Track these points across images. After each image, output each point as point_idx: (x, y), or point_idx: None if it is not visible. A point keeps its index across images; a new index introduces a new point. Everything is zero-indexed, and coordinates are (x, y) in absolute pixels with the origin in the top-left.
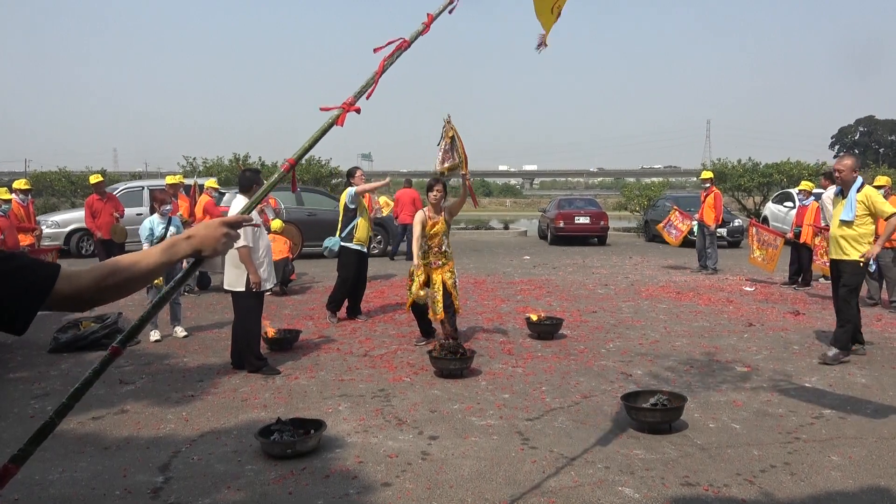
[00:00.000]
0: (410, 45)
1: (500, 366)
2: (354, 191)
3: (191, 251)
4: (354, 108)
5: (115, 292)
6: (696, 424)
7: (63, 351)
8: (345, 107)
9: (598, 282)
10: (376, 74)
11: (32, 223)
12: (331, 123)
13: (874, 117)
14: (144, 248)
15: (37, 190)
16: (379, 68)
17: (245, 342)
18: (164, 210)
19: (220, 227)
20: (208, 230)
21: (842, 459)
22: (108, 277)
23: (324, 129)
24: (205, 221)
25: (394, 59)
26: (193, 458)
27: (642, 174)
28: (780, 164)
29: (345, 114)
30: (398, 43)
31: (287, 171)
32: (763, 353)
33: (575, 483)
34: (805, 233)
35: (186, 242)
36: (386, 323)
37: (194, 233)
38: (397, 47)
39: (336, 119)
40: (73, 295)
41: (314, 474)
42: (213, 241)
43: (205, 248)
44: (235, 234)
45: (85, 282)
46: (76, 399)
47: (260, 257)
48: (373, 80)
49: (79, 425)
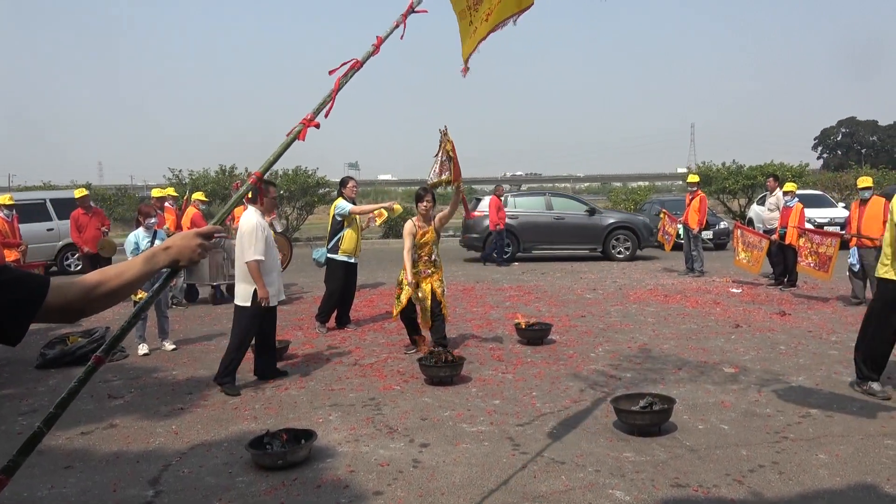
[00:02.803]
0: (363, 65)
1: (490, 372)
2: (348, 210)
3: (169, 261)
4: (314, 124)
5: (102, 303)
6: (685, 426)
7: (51, 367)
8: (305, 122)
9: (587, 286)
10: (333, 92)
11: (17, 239)
12: (293, 139)
13: (855, 118)
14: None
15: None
16: (335, 86)
17: (229, 355)
18: (148, 223)
19: (196, 238)
20: (184, 241)
21: (829, 457)
22: (96, 288)
23: (286, 144)
24: (181, 232)
25: (348, 78)
26: (184, 471)
27: (628, 178)
28: (764, 166)
29: (305, 129)
30: (351, 63)
31: (254, 183)
32: (750, 354)
33: (566, 487)
34: (790, 234)
35: (165, 253)
36: (375, 332)
37: (171, 243)
38: (351, 67)
39: (298, 134)
40: (64, 306)
41: (305, 485)
42: (189, 252)
43: (181, 258)
44: (210, 244)
45: (74, 293)
46: (63, 408)
47: (269, 272)
48: (330, 97)
49: (67, 441)
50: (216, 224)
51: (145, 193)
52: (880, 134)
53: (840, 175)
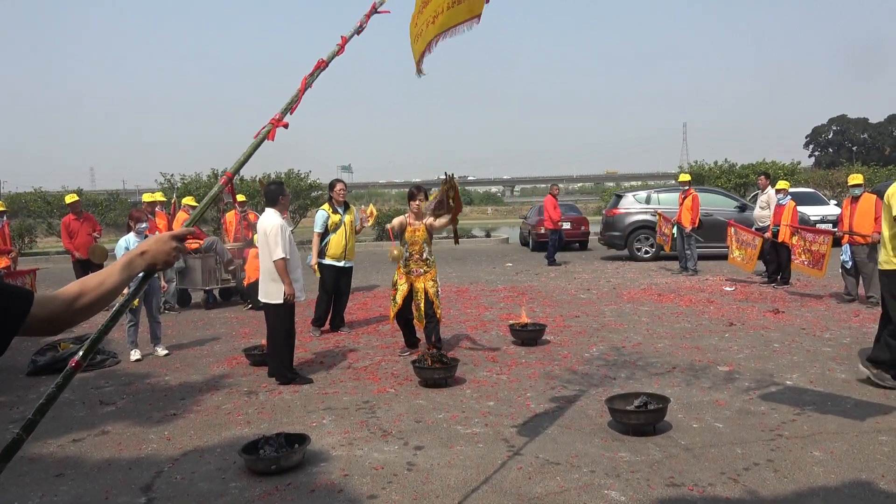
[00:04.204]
0: (328, 64)
1: (485, 373)
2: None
3: (146, 266)
4: (282, 124)
5: (85, 313)
6: (679, 425)
7: (41, 374)
8: (273, 122)
9: (581, 287)
10: (299, 92)
11: (8, 245)
12: (262, 139)
13: (846, 116)
14: None
15: (12, 211)
16: (302, 86)
17: (277, 354)
18: (139, 228)
19: (170, 241)
20: (159, 244)
21: (824, 455)
22: (78, 299)
23: (256, 144)
24: (155, 236)
25: (314, 78)
26: (177, 477)
27: (621, 178)
28: (756, 164)
29: (274, 129)
30: (316, 63)
31: (224, 184)
32: (744, 353)
33: (561, 488)
34: (783, 232)
35: (141, 258)
36: (369, 335)
37: (147, 248)
38: (316, 66)
39: (267, 134)
40: (48, 318)
41: (299, 489)
42: (165, 255)
43: (157, 262)
44: (184, 247)
45: (57, 305)
46: (42, 413)
47: (294, 269)
48: (296, 97)
49: (59, 448)
50: (189, 226)
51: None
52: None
53: (831, 172)
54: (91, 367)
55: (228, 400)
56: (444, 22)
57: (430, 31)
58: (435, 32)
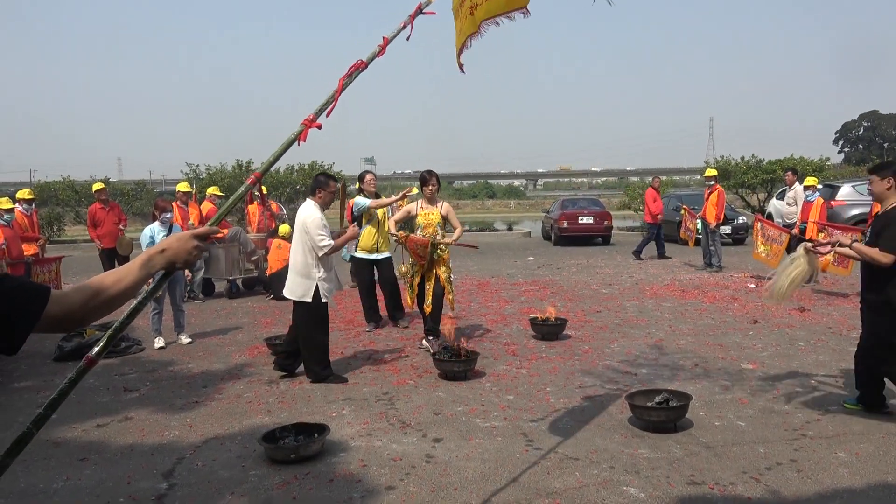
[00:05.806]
0: (367, 66)
1: (505, 367)
2: (367, 205)
3: (165, 264)
4: (315, 125)
5: (102, 311)
6: (701, 423)
7: (68, 359)
8: (306, 123)
9: (603, 281)
10: (336, 93)
11: (37, 233)
12: (293, 139)
13: (878, 112)
14: None
15: (41, 200)
16: (339, 86)
17: (308, 352)
18: (164, 218)
19: (192, 240)
20: (180, 243)
21: (849, 456)
22: (95, 297)
23: (286, 144)
24: (176, 234)
25: (352, 79)
26: (197, 464)
27: (645, 173)
28: (784, 160)
29: (306, 130)
30: (355, 64)
31: (252, 183)
32: (769, 350)
33: (580, 484)
34: (810, 229)
35: (161, 256)
36: (389, 326)
37: (167, 245)
38: (354, 67)
39: (298, 135)
40: (64, 316)
41: (318, 479)
42: (185, 254)
43: (178, 260)
44: (205, 245)
45: (73, 303)
46: (53, 409)
47: (327, 268)
48: (332, 98)
49: (83, 433)
50: (212, 225)
51: (164, 188)
52: None
53: (861, 169)
54: (115, 353)
55: (250, 389)
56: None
57: (467, 23)
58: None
